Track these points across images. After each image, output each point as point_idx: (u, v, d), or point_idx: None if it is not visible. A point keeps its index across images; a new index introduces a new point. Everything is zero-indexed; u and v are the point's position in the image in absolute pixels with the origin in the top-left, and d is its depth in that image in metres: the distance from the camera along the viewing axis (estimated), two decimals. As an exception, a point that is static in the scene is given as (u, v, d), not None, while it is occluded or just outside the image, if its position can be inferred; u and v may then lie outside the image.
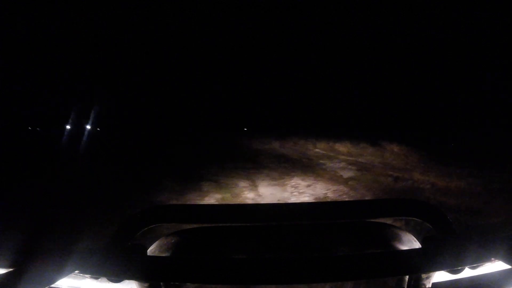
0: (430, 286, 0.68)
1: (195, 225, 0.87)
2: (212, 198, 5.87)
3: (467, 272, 0.67)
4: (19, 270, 0.58)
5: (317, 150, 10.47)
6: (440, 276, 0.71)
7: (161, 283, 0.69)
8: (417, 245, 0.79)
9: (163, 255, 0.79)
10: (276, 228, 0.87)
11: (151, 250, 0.81)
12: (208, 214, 0.81)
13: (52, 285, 0.60)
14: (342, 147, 10.21)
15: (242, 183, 6.65)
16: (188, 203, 6.06)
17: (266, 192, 6.20)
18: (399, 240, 0.81)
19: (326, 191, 6.23)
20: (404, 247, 0.78)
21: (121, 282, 0.69)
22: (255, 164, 8.12)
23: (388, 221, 0.94)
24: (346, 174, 7.09)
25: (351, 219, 0.82)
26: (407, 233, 0.84)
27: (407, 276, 0.70)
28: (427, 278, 0.67)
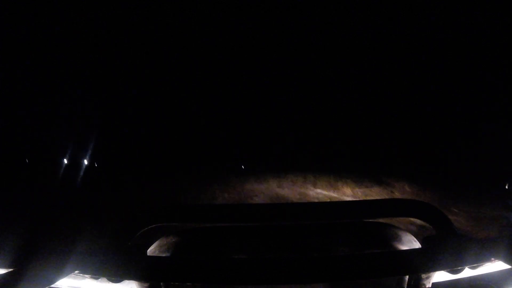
0: (430, 286, 0.68)
1: (195, 225, 0.87)
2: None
3: (467, 272, 0.67)
4: (19, 270, 0.58)
5: (318, 190, 9.08)
6: (440, 276, 0.71)
7: (161, 283, 0.69)
8: (417, 245, 0.79)
9: (163, 255, 0.79)
10: (276, 228, 0.87)
11: (151, 250, 0.81)
12: (208, 214, 0.81)
13: (52, 285, 0.60)
14: (345, 187, 9.19)
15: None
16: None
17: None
18: (399, 240, 0.81)
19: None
20: (404, 247, 0.78)
21: (121, 282, 0.69)
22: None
23: (388, 221, 0.94)
24: (357, 222, 6.71)
25: (351, 219, 0.82)
26: (407, 233, 0.84)
27: (407, 276, 0.70)
28: (427, 278, 0.67)
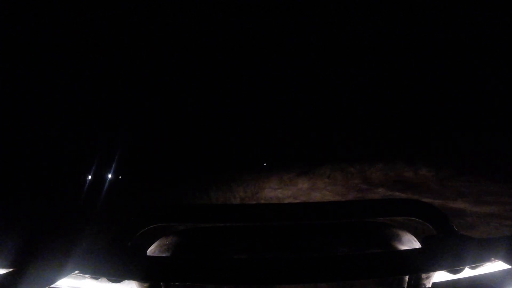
0: (430, 286, 0.68)
1: (195, 225, 0.87)
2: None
3: (467, 272, 0.67)
4: (19, 270, 0.58)
5: (380, 189, 5.55)
6: (440, 276, 0.71)
7: (161, 283, 0.69)
8: (417, 245, 0.79)
9: (163, 255, 0.79)
10: (276, 228, 0.87)
11: (151, 250, 0.81)
12: (208, 214, 0.81)
13: (52, 285, 0.60)
14: (421, 179, 5.94)
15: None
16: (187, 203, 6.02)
17: None
18: (399, 240, 0.81)
19: None
20: (404, 247, 0.78)
21: (121, 282, 0.69)
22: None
23: (388, 221, 0.94)
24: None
25: (351, 219, 0.82)
26: (407, 233, 0.84)
27: (407, 276, 0.70)
28: (427, 278, 0.67)
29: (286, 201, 6.49)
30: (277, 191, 6.37)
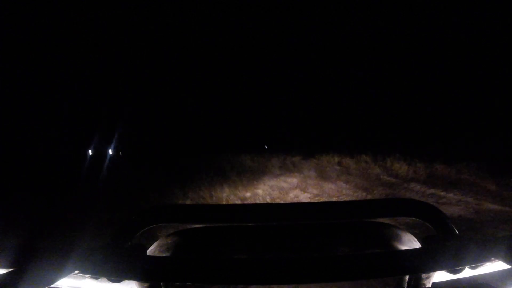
0: (430, 286, 0.68)
1: (195, 225, 0.87)
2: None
3: (467, 272, 0.67)
4: (19, 270, 0.58)
5: (413, 185, 4.49)
6: (440, 276, 0.71)
7: (161, 283, 0.69)
8: (417, 245, 0.79)
9: (163, 255, 0.79)
10: (276, 228, 0.87)
11: (151, 250, 0.81)
12: (208, 214, 0.82)
13: (52, 285, 0.60)
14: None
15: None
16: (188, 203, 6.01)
17: None
18: (399, 240, 0.81)
19: None
20: (404, 247, 0.78)
21: (121, 282, 0.69)
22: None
23: (388, 221, 0.94)
24: None
25: (351, 219, 0.82)
26: (407, 233, 0.84)
27: (407, 276, 0.70)
28: (427, 278, 0.67)
29: (292, 192, 5.64)
30: (280, 178, 5.53)
